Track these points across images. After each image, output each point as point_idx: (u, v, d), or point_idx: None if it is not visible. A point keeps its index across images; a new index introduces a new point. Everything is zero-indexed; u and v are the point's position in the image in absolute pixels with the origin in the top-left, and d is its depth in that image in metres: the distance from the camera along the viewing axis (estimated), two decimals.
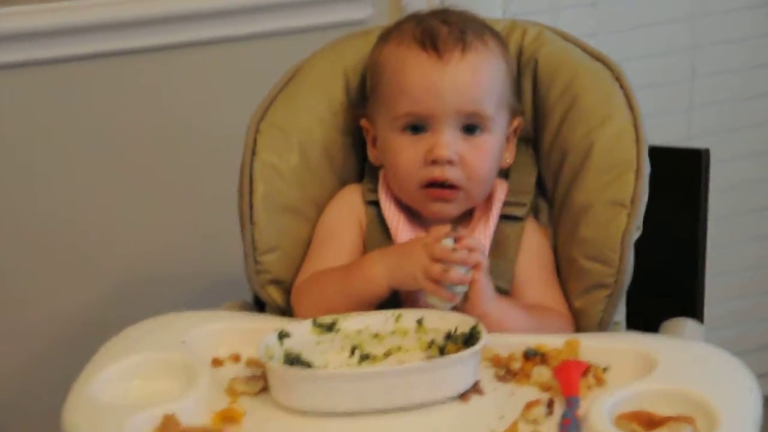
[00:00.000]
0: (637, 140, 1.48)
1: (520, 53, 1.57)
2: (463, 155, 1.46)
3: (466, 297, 1.38)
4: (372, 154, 1.54)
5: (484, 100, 1.46)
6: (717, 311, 2.09)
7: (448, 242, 1.37)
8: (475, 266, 1.37)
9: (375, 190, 1.53)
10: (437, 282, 1.36)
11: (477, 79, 1.46)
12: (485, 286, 1.38)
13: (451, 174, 1.46)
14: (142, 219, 2.01)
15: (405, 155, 1.47)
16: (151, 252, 2.03)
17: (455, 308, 1.38)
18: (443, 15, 1.50)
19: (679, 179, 1.63)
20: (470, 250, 1.37)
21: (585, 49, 1.57)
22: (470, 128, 1.47)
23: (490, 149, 1.48)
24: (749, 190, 2.27)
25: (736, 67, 2.20)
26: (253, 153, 1.52)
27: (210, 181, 1.99)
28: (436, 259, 1.36)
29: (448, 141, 1.45)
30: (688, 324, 1.52)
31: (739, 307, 2.33)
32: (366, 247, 1.51)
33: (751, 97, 2.23)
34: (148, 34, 1.91)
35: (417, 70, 1.45)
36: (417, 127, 1.46)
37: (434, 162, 1.45)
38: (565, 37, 1.58)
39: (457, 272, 1.36)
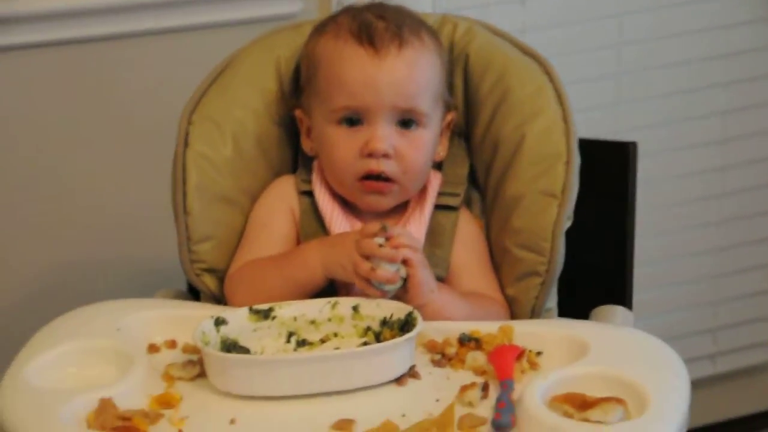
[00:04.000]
0: (567, 133, 1.51)
1: (451, 47, 1.58)
2: (399, 149, 1.47)
3: (405, 289, 1.39)
4: (306, 145, 1.55)
5: (420, 97, 1.47)
6: (645, 299, 2.12)
7: (379, 240, 1.38)
8: (408, 262, 1.38)
9: (309, 181, 1.53)
10: (366, 279, 1.37)
11: (413, 75, 1.47)
12: (423, 278, 1.39)
13: (386, 167, 1.47)
14: (76, 206, 1.99)
15: (341, 148, 1.47)
16: (85, 239, 2.01)
17: (396, 298, 1.38)
18: (379, 9, 1.51)
19: (608, 171, 1.66)
20: (399, 246, 1.37)
21: (515, 44, 1.58)
22: (406, 123, 1.48)
23: (425, 144, 1.49)
24: (676, 182, 2.31)
25: (661, 63, 2.24)
26: (186, 144, 1.52)
27: (146, 171, 1.98)
28: (365, 256, 1.37)
29: (385, 135, 1.46)
30: (617, 311, 1.54)
31: (666, 295, 2.37)
32: (300, 237, 1.51)
33: (675, 93, 2.27)
34: (74, 25, 1.90)
35: (354, 64, 1.46)
36: (353, 120, 1.47)
37: (370, 155, 1.46)
38: (495, 32, 1.60)
39: (386, 270, 1.37)
